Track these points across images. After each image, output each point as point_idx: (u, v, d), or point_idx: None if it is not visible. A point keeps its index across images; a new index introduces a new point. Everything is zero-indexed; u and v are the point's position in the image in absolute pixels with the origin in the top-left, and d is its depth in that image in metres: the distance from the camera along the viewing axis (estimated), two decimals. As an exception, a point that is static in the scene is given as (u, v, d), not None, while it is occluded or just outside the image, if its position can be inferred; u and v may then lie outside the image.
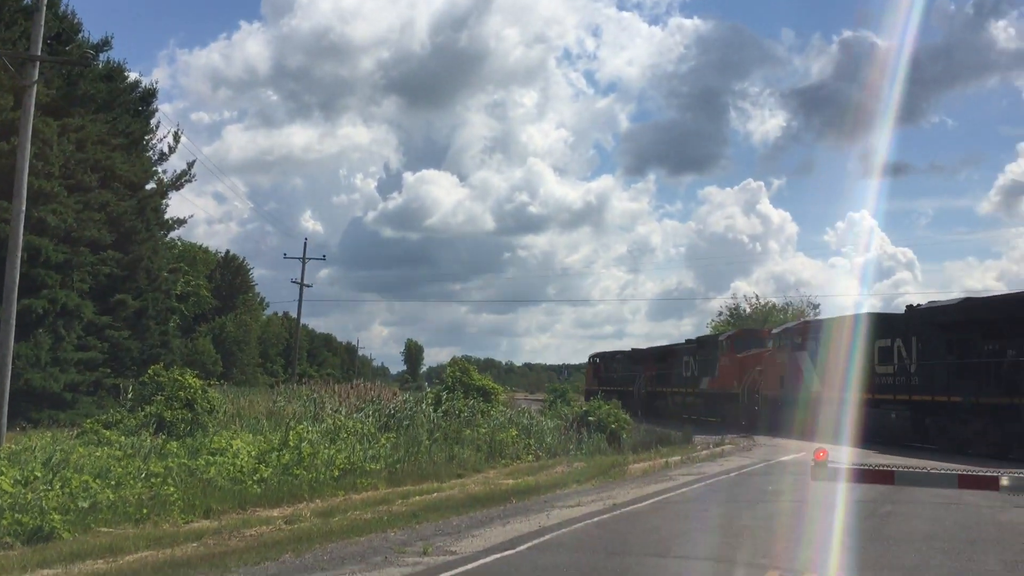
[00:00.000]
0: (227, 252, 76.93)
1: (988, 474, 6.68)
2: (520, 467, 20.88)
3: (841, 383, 29.29)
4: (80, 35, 30.89)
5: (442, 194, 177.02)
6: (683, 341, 48.20)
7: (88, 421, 18.67)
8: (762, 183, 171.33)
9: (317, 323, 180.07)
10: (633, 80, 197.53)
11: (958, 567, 9.58)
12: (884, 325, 28.95)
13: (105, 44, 32.26)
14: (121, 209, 30.15)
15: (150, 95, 35.71)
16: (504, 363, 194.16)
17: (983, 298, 27.69)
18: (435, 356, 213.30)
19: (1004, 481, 6.55)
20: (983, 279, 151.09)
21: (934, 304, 28.41)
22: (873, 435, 27.34)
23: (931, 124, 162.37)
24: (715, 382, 41.62)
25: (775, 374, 35.25)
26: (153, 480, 13.35)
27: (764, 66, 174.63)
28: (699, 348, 44.51)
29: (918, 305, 29.08)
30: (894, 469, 7.03)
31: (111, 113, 31.49)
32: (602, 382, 55.13)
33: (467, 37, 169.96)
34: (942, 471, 6.88)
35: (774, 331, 38.62)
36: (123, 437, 16.52)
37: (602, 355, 61.24)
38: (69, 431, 19.28)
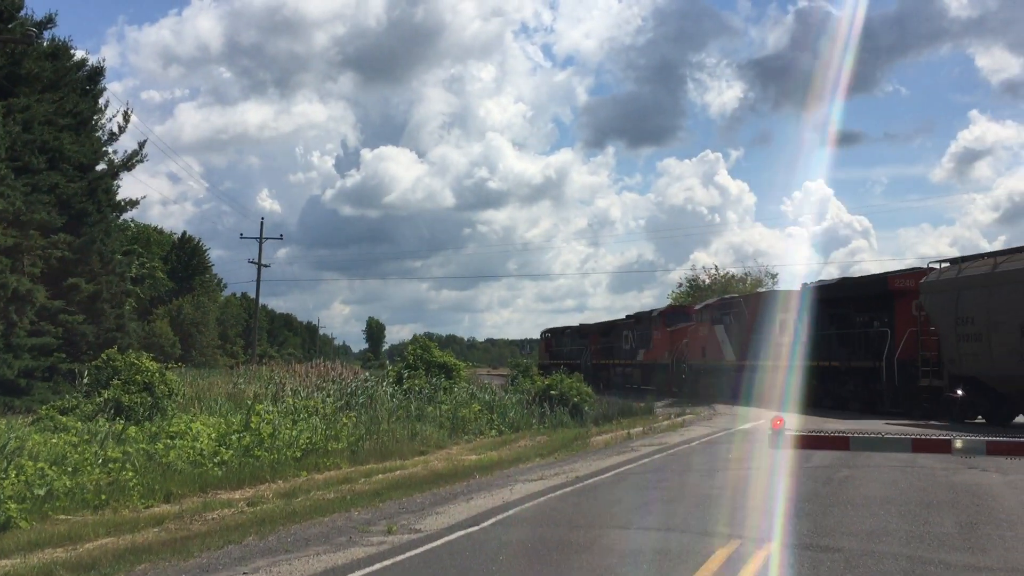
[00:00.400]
0: (183, 233, 76.03)
1: (941, 438, 6.80)
2: (483, 442, 20.94)
3: (750, 352, 33.67)
4: (22, 12, 30.08)
5: (401, 171, 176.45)
6: (623, 317, 52.04)
7: (44, 407, 18.36)
8: (720, 154, 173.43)
9: (277, 303, 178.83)
10: (591, 53, 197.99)
11: (915, 530, 9.76)
12: (783, 301, 33.09)
13: (49, 21, 31.40)
14: (71, 191, 29.50)
15: (97, 73, 34.81)
16: (466, 339, 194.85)
17: (856, 277, 32.52)
18: (397, 334, 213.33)
19: (957, 444, 6.67)
20: (937, 245, 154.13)
21: (821, 283, 32.55)
22: (754, 395, 31.12)
23: (885, 93, 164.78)
24: (649, 354, 45.73)
25: (698, 345, 39.59)
26: (111, 465, 13.18)
27: (721, 37, 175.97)
28: (636, 323, 48.36)
29: (811, 284, 33.06)
30: (850, 435, 7.13)
31: (58, 93, 30.68)
32: (553, 356, 59.30)
33: (423, 11, 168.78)
34: (896, 436, 6.99)
35: (696, 307, 42.88)
36: (80, 423, 16.28)
37: (553, 330, 65.75)
38: (24, 418, 18.95)
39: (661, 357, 43.75)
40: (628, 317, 50.60)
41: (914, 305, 26.10)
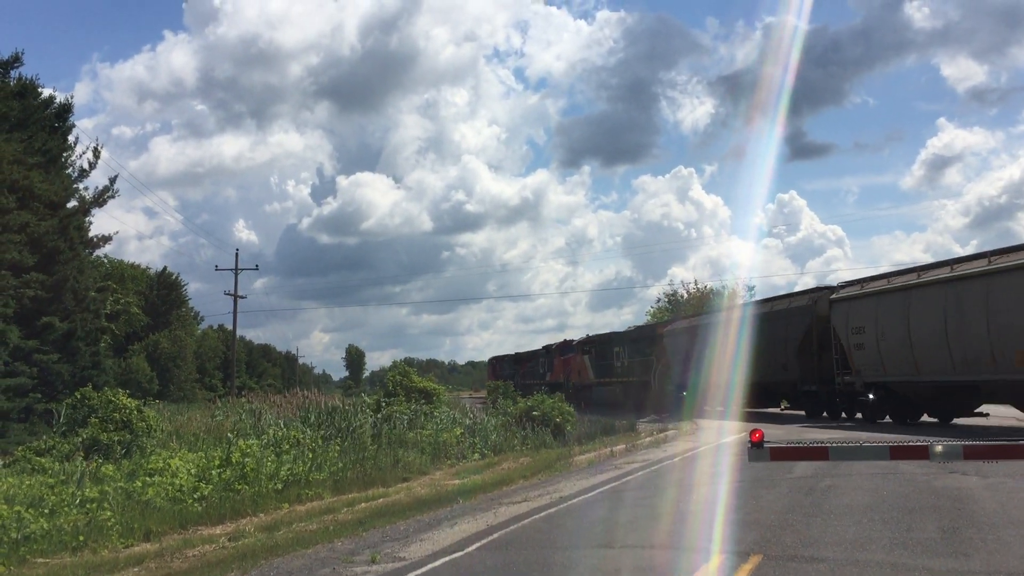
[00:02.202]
0: (164, 269, 75.55)
1: (918, 444, 6.82)
2: (466, 466, 20.84)
3: (600, 374, 50.54)
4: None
5: (378, 197, 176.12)
6: (541, 348, 66.70)
7: (20, 449, 18.10)
8: (693, 169, 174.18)
9: (255, 334, 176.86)
10: (563, 74, 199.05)
11: (898, 536, 9.78)
12: (616, 339, 50.46)
13: (16, 61, 31.35)
14: (42, 229, 29.24)
15: (65, 111, 34.64)
16: (447, 363, 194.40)
17: (643, 326, 53.98)
18: (377, 360, 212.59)
19: (938, 448, 6.67)
20: (911, 252, 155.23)
21: (631, 328, 54.13)
22: (603, 403, 46.20)
23: (854, 104, 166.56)
24: (552, 376, 59.96)
25: (576, 370, 55.22)
26: (89, 506, 12.99)
27: (691, 55, 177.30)
28: (546, 353, 63.36)
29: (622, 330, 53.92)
30: (828, 445, 7.14)
31: (26, 131, 30.52)
32: (496, 378, 70.27)
33: (397, 39, 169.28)
34: (874, 444, 7.01)
35: (574, 341, 57.51)
36: (57, 464, 16.06)
37: (497, 358, 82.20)
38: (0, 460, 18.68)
39: (558, 378, 57.74)
40: (542, 348, 65.70)
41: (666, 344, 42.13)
